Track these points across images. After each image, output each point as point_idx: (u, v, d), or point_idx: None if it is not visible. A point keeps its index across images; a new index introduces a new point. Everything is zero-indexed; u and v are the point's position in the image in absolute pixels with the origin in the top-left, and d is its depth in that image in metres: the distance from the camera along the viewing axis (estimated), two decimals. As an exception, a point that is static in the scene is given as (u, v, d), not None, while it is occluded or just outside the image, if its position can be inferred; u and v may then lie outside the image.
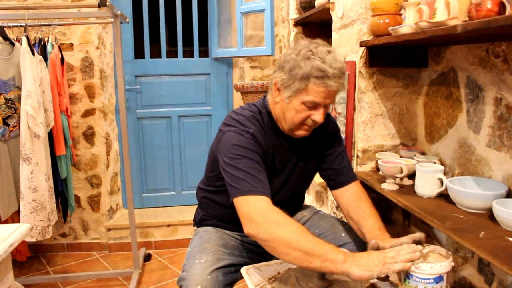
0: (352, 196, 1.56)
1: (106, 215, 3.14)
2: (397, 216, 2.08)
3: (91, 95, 3.02)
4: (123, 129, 2.55)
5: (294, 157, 1.56)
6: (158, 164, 3.43)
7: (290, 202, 1.66)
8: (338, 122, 2.01)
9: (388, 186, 1.63)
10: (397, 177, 1.64)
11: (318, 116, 1.38)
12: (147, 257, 2.93)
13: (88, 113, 3.05)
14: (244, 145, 1.38)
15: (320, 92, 1.33)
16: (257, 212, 1.26)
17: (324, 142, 1.60)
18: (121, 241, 3.13)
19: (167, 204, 3.44)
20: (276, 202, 1.32)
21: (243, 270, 1.47)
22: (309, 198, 2.74)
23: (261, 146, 1.42)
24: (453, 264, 1.24)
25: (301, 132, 1.45)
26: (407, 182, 1.67)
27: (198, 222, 1.76)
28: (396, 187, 1.63)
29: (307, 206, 1.83)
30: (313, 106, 1.36)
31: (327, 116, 1.58)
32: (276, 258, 1.53)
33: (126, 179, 2.58)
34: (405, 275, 1.25)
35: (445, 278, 1.23)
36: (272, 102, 1.49)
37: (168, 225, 3.16)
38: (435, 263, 1.21)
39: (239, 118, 1.46)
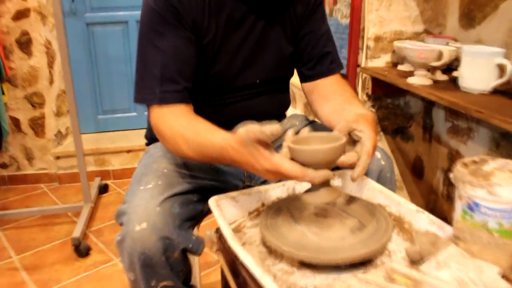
0: (332, 88, 1.11)
1: (53, 141, 2.65)
2: (416, 129, 1.61)
3: (21, -10, 2.42)
4: (59, 34, 1.97)
5: (259, 23, 1.07)
6: (115, 80, 2.88)
7: (265, 91, 1.18)
8: (341, 4, 1.48)
9: (418, 80, 1.14)
10: (432, 66, 1.14)
11: None
12: (103, 189, 2.47)
13: (20, 14, 2.47)
14: (154, 26, 0.99)
15: None
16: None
17: (304, 10, 1.11)
18: (74, 170, 2.64)
19: (128, 127, 2.94)
20: (245, 90, 1.09)
21: (212, 200, 0.99)
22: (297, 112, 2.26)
23: (184, 17, 0.99)
24: (541, 186, 0.78)
25: None
26: (441, 76, 1.19)
27: (150, 137, 1.28)
28: (430, 81, 1.14)
29: (297, 115, 1.34)
30: None
31: None
32: (262, 183, 1.12)
33: (67, 96, 2.04)
34: (466, 205, 0.79)
35: (529, 209, 0.78)
36: None
37: (129, 151, 2.68)
38: (519, 186, 0.75)
39: None
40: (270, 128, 0.74)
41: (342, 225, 0.90)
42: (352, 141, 0.93)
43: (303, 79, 1.18)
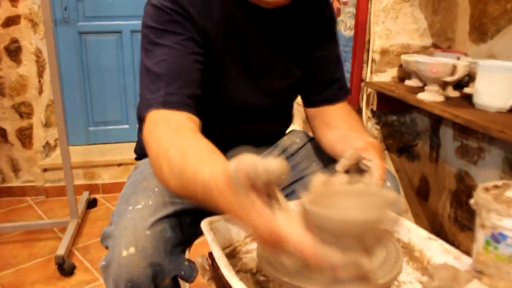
0: (337, 114, 1.04)
1: (41, 153, 2.55)
2: (422, 149, 1.53)
3: (12, -4, 2.35)
4: (48, 42, 1.88)
5: (267, 42, 0.99)
6: (107, 91, 2.79)
7: (270, 115, 1.10)
8: (345, 15, 1.42)
9: (430, 96, 1.07)
10: (444, 82, 1.07)
11: None
12: (92, 203, 2.37)
13: (10, 21, 2.39)
14: (160, 26, 0.87)
15: None
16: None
17: (316, 31, 1.03)
18: (61, 183, 2.53)
19: (119, 139, 2.84)
20: (247, 113, 1.00)
21: (204, 223, 0.90)
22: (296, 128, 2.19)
23: (194, 21, 0.89)
24: None
25: None
26: (453, 93, 1.11)
27: (140, 152, 1.20)
28: (442, 98, 1.07)
29: (297, 131, 1.26)
30: None
31: None
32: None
33: (56, 106, 1.95)
34: (490, 236, 0.70)
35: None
36: None
37: (119, 164, 2.58)
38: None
39: None
40: (269, 165, 0.48)
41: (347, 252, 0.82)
42: (359, 170, 0.86)
43: (308, 104, 1.11)
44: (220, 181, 0.55)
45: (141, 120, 0.87)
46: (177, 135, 0.75)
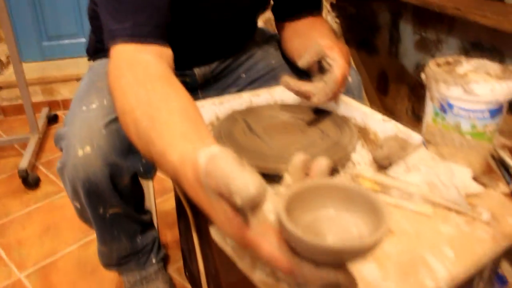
0: (308, 25, 1.00)
1: (-6, 70, 2.42)
2: (381, 42, 1.52)
3: None
4: None
5: None
6: (60, 2, 2.60)
7: (234, 30, 1.06)
8: None
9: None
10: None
11: None
12: (53, 119, 2.32)
13: None
14: None
15: None
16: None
17: None
18: (19, 102, 2.44)
19: (76, 54, 2.69)
20: (212, 26, 0.95)
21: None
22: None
23: None
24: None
25: None
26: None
27: (93, 51, 1.15)
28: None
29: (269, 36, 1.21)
30: None
31: None
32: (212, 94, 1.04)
33: (2, 20, 1.82)
34: (439, 107, 0.72)
35: (504, 110, 0.72)
36: None
37: (78, 79, 2.49)
38: (496, 82, 0.68)
39: None
40: (245, 188, 0.39)
41: (303, 135, 0.83)
42: (321, 68, 0.84)
43: (279, 18, 1.07)
44: (189, 171, 0.49)
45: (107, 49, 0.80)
46: (144, 90, 0.67)
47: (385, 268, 0.52)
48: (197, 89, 1.09)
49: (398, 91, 1.46)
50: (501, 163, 0.72)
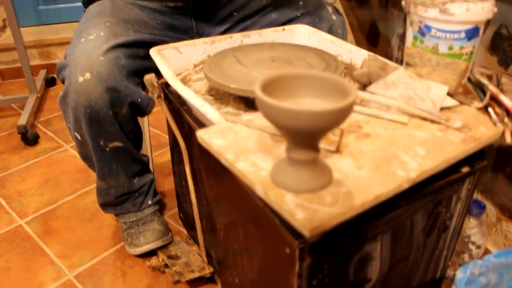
0: None
1: (-9, 34, 2.43)
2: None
3: None
4: None
5: None
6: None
7: None
8: None
9: None
10: None
11: None
12: (50, 81, 2.33)
13: None
14: None
15: None
16: None
17: None
18: (17, 65, 2.46)
19: (73, 18, 2.69)
20: None
21: (153, 50, 0.93)
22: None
23: None
24: (495, 10, 0.74)
25: None
26: None
27: (87, 2, 1.18)
28: None
29: None
30: None
31: None
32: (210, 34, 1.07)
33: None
34: (417, 30, 0.75)
35: (481, 33, 0.75)
36: None
37: (75, 42, 2.49)
38: (472, 3, 0.71)
39: None
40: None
41: (290, 67, 0.86)
42: None
43: None
44: None
45: None
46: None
47: (360, 162, 0.55)
48: (191, 16, 1.09)
49: (388, 42, 1.48)
50: (477, 85, 0.76)
